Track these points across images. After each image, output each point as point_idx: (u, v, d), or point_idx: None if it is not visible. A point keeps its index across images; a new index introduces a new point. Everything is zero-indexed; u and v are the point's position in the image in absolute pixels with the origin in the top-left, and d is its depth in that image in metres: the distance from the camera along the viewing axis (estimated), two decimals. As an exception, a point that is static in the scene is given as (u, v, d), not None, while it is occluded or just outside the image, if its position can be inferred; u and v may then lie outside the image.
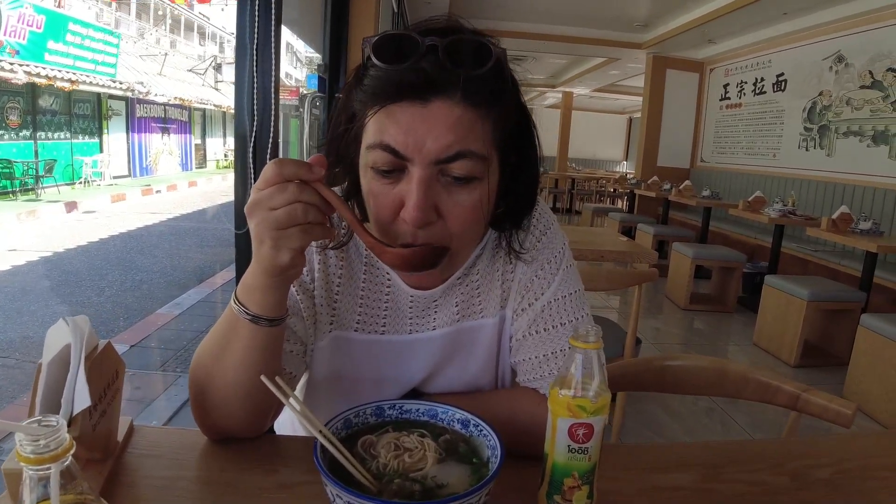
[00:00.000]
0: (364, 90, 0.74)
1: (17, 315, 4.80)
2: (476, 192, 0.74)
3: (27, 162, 12.07)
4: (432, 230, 0.74)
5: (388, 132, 0.70)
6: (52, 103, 13.37)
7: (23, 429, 0.43)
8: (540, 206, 0.96)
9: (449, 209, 0.73)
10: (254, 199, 0.66)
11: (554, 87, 13.61)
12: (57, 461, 0.43)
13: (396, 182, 0.73)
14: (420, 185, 0.70)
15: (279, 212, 0.65)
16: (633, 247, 3.10)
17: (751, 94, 7.51)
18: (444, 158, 0.70)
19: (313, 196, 0.66)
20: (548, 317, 0.90)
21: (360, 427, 0.75)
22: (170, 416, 3.06)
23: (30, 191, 11.98)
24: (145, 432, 0.86)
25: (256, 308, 0.73)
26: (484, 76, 0.71)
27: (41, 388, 0.69)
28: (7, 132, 11.95)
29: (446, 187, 0.73)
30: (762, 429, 3.12)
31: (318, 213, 0.67)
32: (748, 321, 4.87)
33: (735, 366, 1.24)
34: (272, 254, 0.67)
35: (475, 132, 0.71)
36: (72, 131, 14.16)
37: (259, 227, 0.66)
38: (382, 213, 0.75)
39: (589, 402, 0.64)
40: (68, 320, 0.72)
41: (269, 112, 2.04)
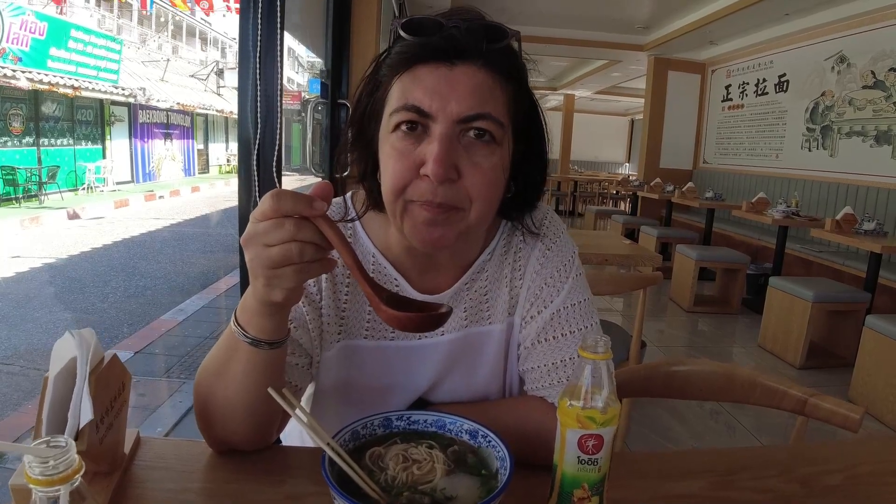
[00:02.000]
0: (390, 62, 0.78)
1: (21, 322, 4.81)
2: (494, 157, 0.76)
3: (30, 168, 12.11)
4: (451, 190, 0.74)
5: (413, 94, 0.74)
6: (55, 110, 13.42)
7: (31, 451, 0.42)
8: (550, 215, 0.96)
9: (468, 170, 0.75)
10: (249, 231, 0.64)
11: (556, 89, 13.60)
12: (66, 482, 0.43)
13: (418, 142, 0.74)
14: (442, 141, 0.72)
15: (274, 250, 0.62)
16: (636, 250, 3.09)
17: (753, 94, 7.49)
18: (465, 117, 0.73)
19: (312, 233, 0.63)
20: (557, 325, 0.90)
21: (367, 439, 0.74)
22: (174, 422, 3.06)
23: (33, 197, 12.02)
24: (152, 444, 0.86)
25: (255, 331, 0.72)
26: (503, 50, 0.77)
27: (48, 401, 0.69)
28: (10, 139, 11.99)
29: (466, 149, 0.75)
30: (768, 431, 3.10)
31: (315, 251, 0.64)
32: (753, 323, 4.86)
33: (742, 371, 1.23)
34: (266, 291, 0.66)
35: (495, 98, 0.76)
36: (75, 137, 14.20)
37: (253, 262, 0.64)
38: (403, 171, 0.74)
39: (598, 413, 0.64)
40: (74, 333, 0.72)
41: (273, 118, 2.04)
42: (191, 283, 6.32)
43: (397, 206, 0.77)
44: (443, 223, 0.76)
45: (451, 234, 0.77)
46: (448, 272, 0.92)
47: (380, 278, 0.90)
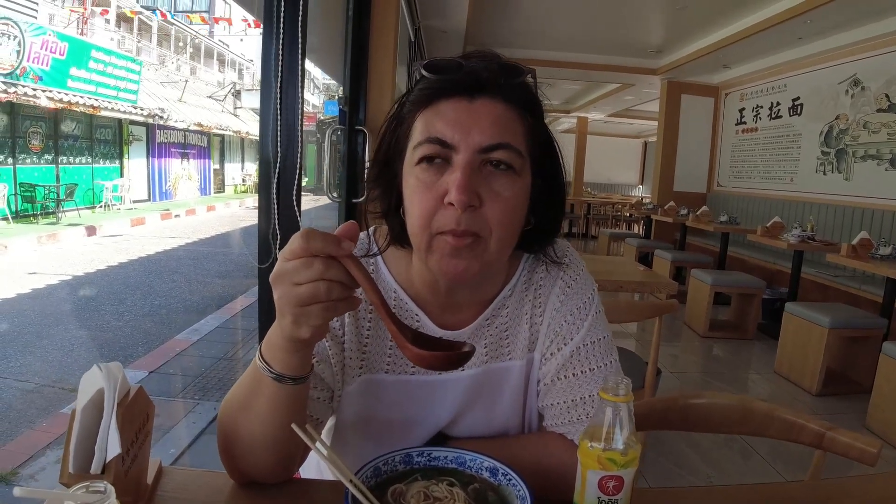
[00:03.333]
0: (412, 98, 0.82)
1: (37, 339, 4.86)
2: (514, 186, 0.79)
3: (48, 186, 12.26)
4: (473, 217, 0.76)
5: (435, 126, 0.77)
6: (74, 128, 13.62)
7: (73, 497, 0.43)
8: (570, 252, 0.98)
9: (490, 197, 0.77)
10: (278, 270, 0.66)
11: (569, 112, 13.65)
12: None
13: (441, 174, 0.77)
14: (464, 169, 0.75)
15: (302, 288, 0.64)
16: (651, 277, 3.08)
17: (767, 118, 7.49)
18: (486, 147, 0.76)
19: (339, 272, 0.65)
20: (577, 362, 0.91)
21: (389, 475, 0.75)
22: (188, 443, 3.06)
23: (50, 214, 12.15)
24: (174, 474, 0.87)
25: (280, 367, 0.73)
26: (520, 85, 0.82)
27: (75, 435, 0.70)
28: (29, 156, 12.16)
29: (487, 178, 0.77)
30: (784, 459, 3.06)
31: (342, 289, 0.66)
32: (769, 348, 4.81)
33: (759, 404, 1.23)
34: (293, 328, 0.67)
35: (514, 129, 0.79)
36: (93, 156, 14.39)
37: (281, 300, 0.66)
38: (429, 202, 0.76)
39: (619, 455, 0.64)
40: (102, 367, 0.73)
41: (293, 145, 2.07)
42: (206, 303, 6.36)
43: (424, 239, 0.78)
44: (467, 254, 0.77)
45: (475, 265, 0.78)
46: (469, 308, 0.93)
47: (401, 313, 0.92)
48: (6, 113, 11.33)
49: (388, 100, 2.93)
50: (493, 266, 0.82)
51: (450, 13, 5.91)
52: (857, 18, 5.43)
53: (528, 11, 6.37)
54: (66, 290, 6.70)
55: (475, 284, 0.90)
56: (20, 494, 0.44)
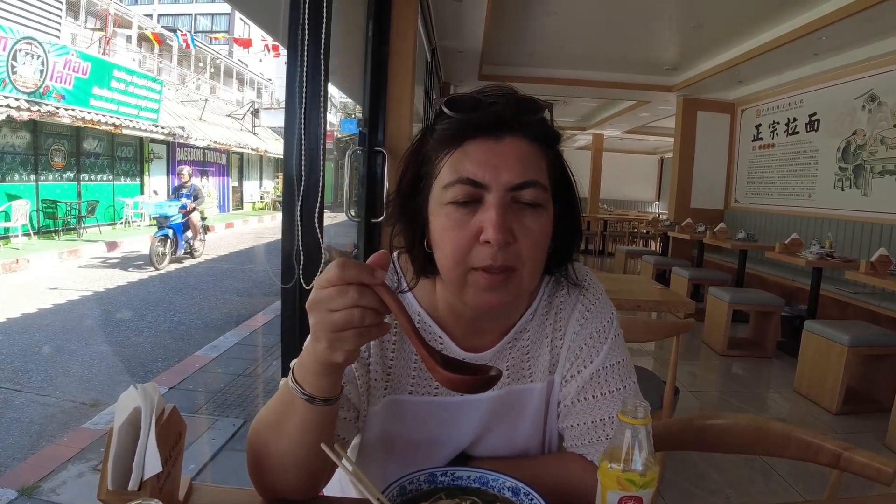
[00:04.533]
0: (436, 138, 0.85)
1: (58, 354, 4.92)
2: (542, 219, 0.82)
3: (70, 202, 12.48)
4: (509, 252, 0.79)
5: (465, 168, 0.80)
6: (96, 146, 13.87)
7: None
8: (589, 276, 1.01)
9: (521, 232, 0.80)
10: (314, 297, 0.69)
11: (584, 129, 13.66)
12: None
13: (473, 213, 0.80)
14: (498, 207, 0.78)
15: (337, 315, 0.67)
16: (668, 295, 3.08)
17: (783, 134, 7.46)
18: (517, 185, 0.79)
19: (373, 300, 0.68)
20: (596, 384, 0.93)
21: (413, 494, 0.78)
22: (208, 459, 3.09)
23: (72, 230, 12.35)
24: (204, 491, 0.90)
25: (311, 389, 0.76)
26: (541, 121, 0.85)
27: (112, 453, 0.73)
28: (51, 173, 12.40)
29: (517, 214, 0.80)
30: (805, 480, 3.03)
31: (374, 316, 0.69)
32: (788, 367, 4.76)
33: (776, 424, 1.24)
34: (327, 353, 0.70)
35: (539, 165, 0.83)
36: (114, 173, 14.65)
37: (317, 326, 0.69)
38: (464, 240, 0.79)
39: (638, 476, 0.66)
40: (138, 387, 0.77)
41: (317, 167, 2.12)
42: (224, 320, 6.41)
43: (458, 275, 0.82)
44: (502, 287, 0.81)
45: (509, 297, 0.82)
46: (492, 333, 0.96)
47: (424, 335, 0.94)
48: (29, 131, 11.58)
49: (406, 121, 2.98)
50: (523, 296, 0.87)
51: (466, 34, 5.98)
52: (873, 34, 5.41)
53: (543, 31, 6.42)
54: (87, 305, 6.79)
55: (503, 313, 0.93)
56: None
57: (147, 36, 18.26)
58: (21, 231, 10.74)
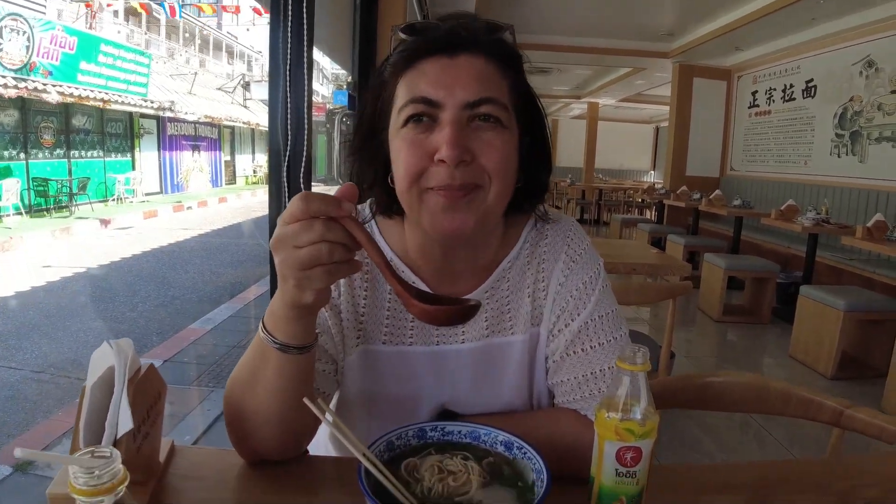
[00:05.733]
0: (392, 63, 0.82)
1: (52, 331, 4.90)
2: (504, 136, 0.78)
3: (61, 180, 12.36)
4: (468, 171, 0.76)
5: (419, 87, 0.77)
6: (85, 122, 13.71)
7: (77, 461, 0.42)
8: (574, 227, 0.96)
9: (481, 148, 0.76)
10: (278, 234, 0.65)
11: (579, 97, 13.55)
12: (111, 493, 0.43)
13: (429, 132, 0.77)
14: (453, 125, 0.75)
15: (303, 251, 0.63)
16: (664, 259, 3.06)
17: (780, 100, 7.39)
18: (472, 102, 0.76)
19: (340, 234, 0.64)
20: (585, 337, 0.89)
21: (402, 449, 0.74)
22: (204, 430, 3.09)
23: (63, 208, 12.26)
24: (186, 453, 0.87)
25: (284, 337, 0.72)
26: (500, 40, 0.82)
27: (85, 411, 0.70)
28: (41, 151, 12.27)
29: (476, 132, 0.77)
30: (801, 444, 3.04)
31: (344, 251, 0.65)
32: (783, 333, 4.76)
33: (776, 383, 1.21)
34: (296, 292, 0.66)
35: (496, 83, 0.79)
36: (104, 150, 14.49)
37: (283, 264, 0.65)
38: (417, 160, 0.76)
39: (637, 424, 0.63)
40: (112, 343, 0.73)
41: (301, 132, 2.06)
42: (219, 293, 6.39)
43: (413, 196, 0.78)
44: (464, 207, 0.77)
45: (471, 218, 0.78)
46: (467, 279, 0.91)
47: None
48: (17, 108, 11.41)
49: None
50: (489, 221, 0.81)
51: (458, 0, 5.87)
52: (871, -1, 5.34)
53: (537, -4, 6.32)
54: (81, 282, 6.76)
55: (471, 247, 0.88)
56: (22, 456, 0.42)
57: (134, 9, 17.91)
58: (13, 210, 10.66)
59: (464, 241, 0.82)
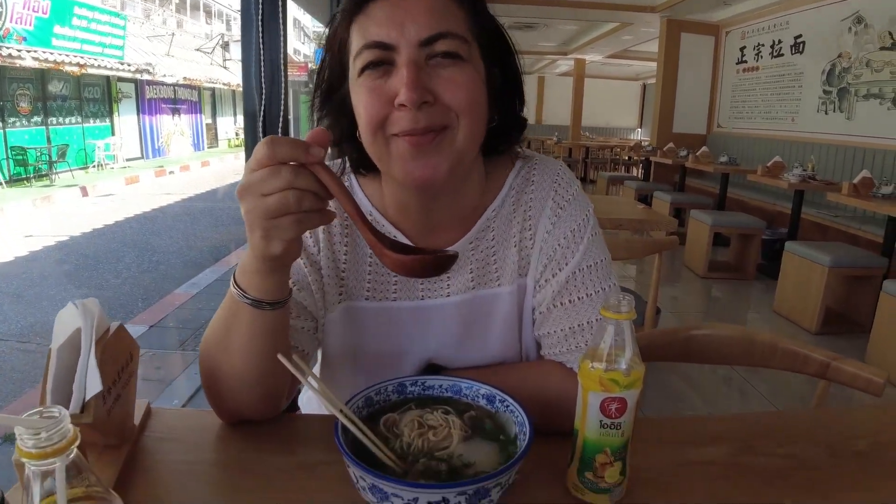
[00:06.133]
0: (342, 8, 0.77)
1: (37, 300, 4.85)
2: (466, 71, 0.74)
3: (40, 148, 12.11)
4: (432, 111, 0.72)
5: (370, 31, 0.73)
6: (62, 88, 13.38)
7: (22, 422, 0.39)
8: (562, 170, 0.92)
9: (444, 87, 0.72)
10: (244, 181, 0.61)
11: (566, 54, 13.36)
12: (61, 454, 0.40)
13: (387, 77, 0.73)
14: (409, 65, 0.71)
15: (270, 199, 0.60)
16: (650, 214, 3.05)
17: (768, 56, 7.32)
18: (426, 38, 0.72)
19: (309, 181, 0.61)
20: (573, 288, 0.86)
21: (381, 405, 0.73)
22: (190, 395, 3.08)
23: (44, 176, 12.05)
24: (162, 415, 0.85)
25: (256, 292, 0.69)
26: None
27: (51, 374, 0.67)
28: (18, 119, 12.00)
29: (435, 69, 0.73)
30: (783, 397, 3.08)
31: (314, 200, 0.62)
32: (768, 289, 4.81)
33: (763, 335, 1.20)
34: (263, 243, 0.63)
35: (452, 15, 0.74)
36: (83, 115, 14.19)
37: (249, 214, 0.62)
38: (378, 106, 0.73)
39: (621, 375, 0.61)
40: (77, 303, 0.70)
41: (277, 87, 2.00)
42: (203, 257, 6.34)
43: (379, 144, 0.75)
44: (433, 151, 0.73)
45: (442, 162, 0.74)
46: (448, 229, 0.88)
47: None
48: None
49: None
50: (462, 163, 0.77)
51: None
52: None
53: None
54: (64, 251, 6.68)
55: (450, 195, 0.84)
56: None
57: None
58: (-8, 180, 10.46)
59: (439, 188, 0.78)
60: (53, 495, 0.41)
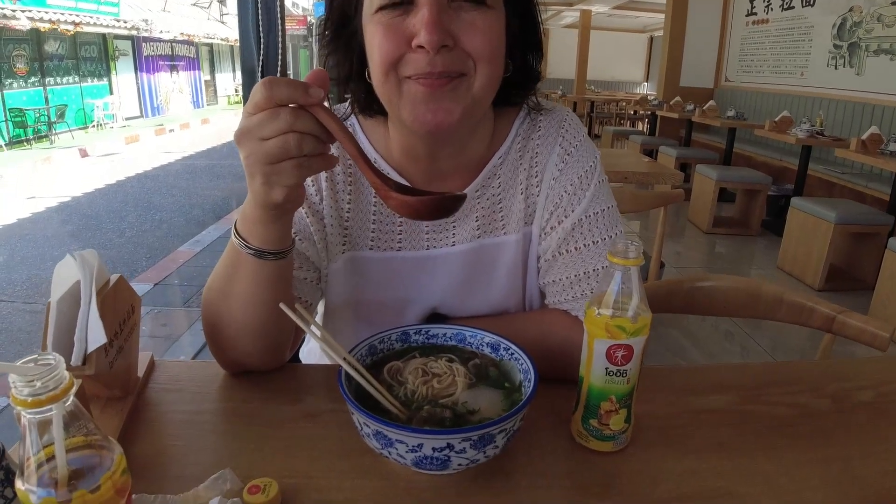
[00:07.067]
0: None
1: (41, 261, 4.87)
2: (488, 17, 0.70)
3: (38, 109, 12.00)
4: (450, 56, 0.69)
5: None
6: (58, 48, 13.17)
7: (16, 369, 0.38)
8: (569, 117, 0.90)
9: (464, 31, 0.69)
10: (242, 126, 0.59)
11: (571, 5, 13.00)
12: (58, 401, 0.39)
13: (405, 15, 0.69)
14: (431, 5, 0.67)
15: (270, 143, 0.58)
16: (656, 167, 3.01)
17: (778, 8, 7.12)
18: None
19: (310, 123, 0.58)
20: (579, 235, 0.84)
21: (385, 353, 0.72)
22: (196, 351, 3.12)
23: (43, 138, 11.96)
24: (166, 367, 0.85)
25: (258, 242, 0.68)
26: None
27: (51, 327, 0.66)
28: (15, 80, 11.84)
29: (457, 12, 0.69)
30: (785, 352, 3.09)
31: (315, 143, 0.59)
32: (772, 245, 4.79)
33: (769, 286, 1.19)
34: (264, 190, 0.61)
35: None
36: (80, 75, 14.00)
37: (249, 160, 0.60)
38: (393, 45, 0.69)
39: (628, 321, 0.60)
40: (76, 255, 0.69)
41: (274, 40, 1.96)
42: (205, 215, 6.34)
43: (390, 85, 0.71)
44: (448, 96, 0.70)
45: (456, 108, 0.71)
46: (455, 176, 0.86)
47: None
48: (-12, 38, 10.94)
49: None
50: (475, 112, 0.75)
51: None
52: None
53: None
54: (67, 211, 6.66)
55: (458, 143, 0.82)
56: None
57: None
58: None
59: (449, 135, 0.76)
60: (52, 446, 0.40)
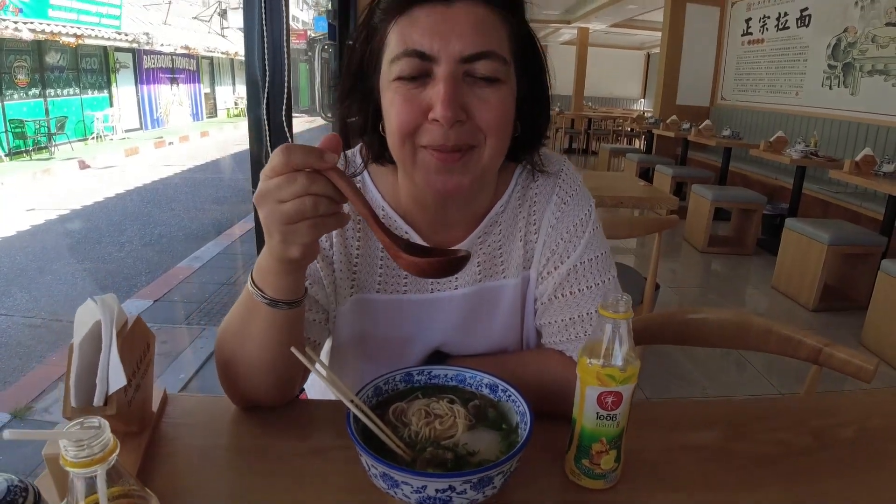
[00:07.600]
0: (383, 6, 0.76)
1: (40, 274, 4.87)
2: (501, 93, 0.74)
3: (38, 120, 12.00)
4: (463, 130, 0.73)
5: (412, 38, 0.72)
6: (59, 59, 13.20)
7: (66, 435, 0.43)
8: (566, 166, 0.95)
9: (477, 107, 0.73)
10: (261, 189, 0.63)
11: (569, 22, 13.15)
12: (102, 463, 0.44)
13: (423, 87, 0.73)
14: (447, 81, 0.71)
15: (287, 205, 0.62)
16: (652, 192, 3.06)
17: (774, 29, 7.22)
18: (469, 56, 0.71)
19: (325, 186, 0.62)
20: (574, 280, 0.90)
21: (390, 394, 0.76)
22: (196, 368, 3.13)
23: (43, 149, 11.95)
24: (179, 400, 0.88)
25: (273, 292, 0.72)
26: None
27: (74, 369, 0.70)
28: (16, 91, 11.84)
29: (472, 88, 0.73)
30: (779, 373, 3.13)
31: (329, 204, 0.63)
32: (767, 264, 4.83)
33: (757, 319, 1.24)
34: (282, 247, 0.65)
35: (497, 34, 0.74)
36: (80, 87, 14.02)
37: (267, 219, 0.64)
38: (410, 116, 0.73)
39: (618, 371, 0.64)
40: (97, 300, 0.72)
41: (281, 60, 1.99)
42: (205, 230, 6.36)
43: (406, 152, 0.76)
44: (459, 169, 0.75)
45: (466, 179, 0.76)
46: (459, 226, 0.91)
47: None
48: (-10, 49, 10.99)
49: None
50: (485, 178, 0.80)
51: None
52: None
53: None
54: (66, 224, 6.67)
55: (467, 199, 0.87)
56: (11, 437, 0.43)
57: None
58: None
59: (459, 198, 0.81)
60: (95, 494, 0.45)
